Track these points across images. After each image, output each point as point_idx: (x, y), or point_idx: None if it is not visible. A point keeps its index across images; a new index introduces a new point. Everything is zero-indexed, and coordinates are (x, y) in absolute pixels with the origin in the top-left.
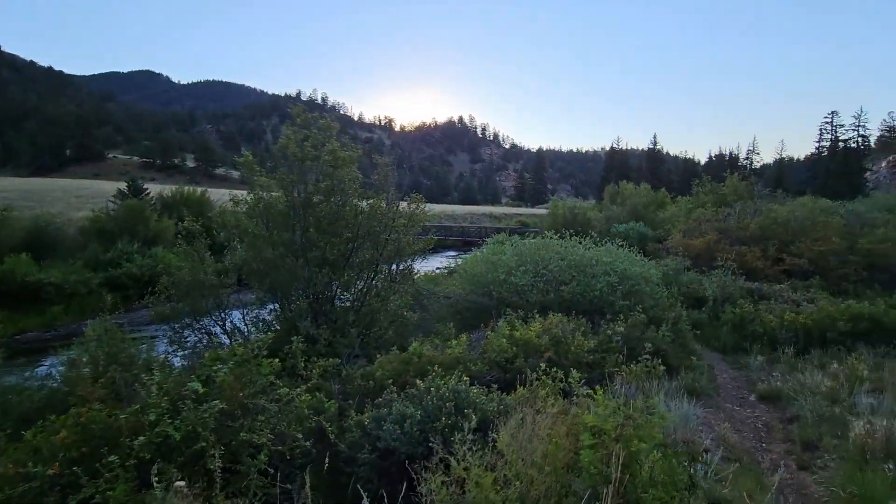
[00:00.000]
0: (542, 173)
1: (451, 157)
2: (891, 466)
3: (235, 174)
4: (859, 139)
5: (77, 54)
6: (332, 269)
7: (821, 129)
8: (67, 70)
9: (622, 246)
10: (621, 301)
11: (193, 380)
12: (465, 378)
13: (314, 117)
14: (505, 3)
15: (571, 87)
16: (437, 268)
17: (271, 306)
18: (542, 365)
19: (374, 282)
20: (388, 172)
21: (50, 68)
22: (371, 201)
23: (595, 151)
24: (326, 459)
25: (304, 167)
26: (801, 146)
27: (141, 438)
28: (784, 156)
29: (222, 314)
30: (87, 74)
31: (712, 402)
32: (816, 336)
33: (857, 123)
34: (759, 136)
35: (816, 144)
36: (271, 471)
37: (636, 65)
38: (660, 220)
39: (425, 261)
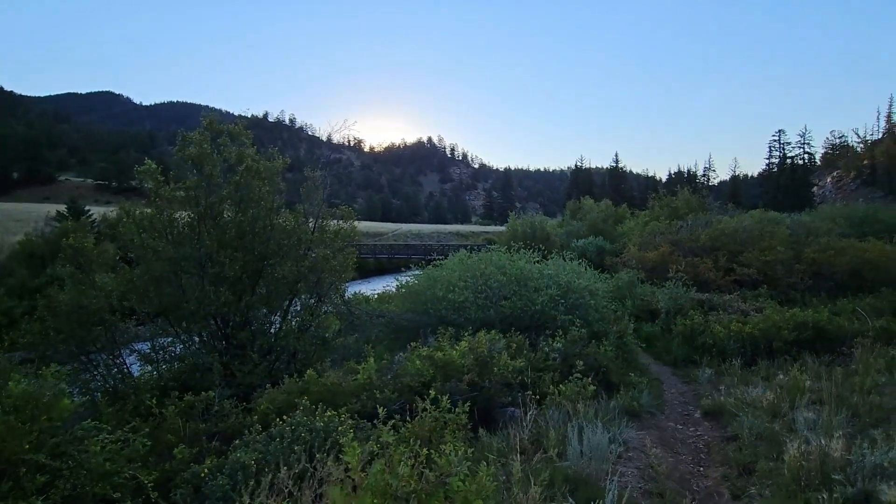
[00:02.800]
0: (510, 192)
1: (421, 178)
2: (824, 496)
3: None
4: (805, 156)
5: (30, 74)
6: (232, 288)
7: (770, 147)
8: (19, 90)
9: (574, 259)
10: (564, 315)
11: None
12: (336, 413)
13: (226, 126)
14: (469, 24)
15: (538, 108)
16: (386, 286)
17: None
18: (432, 393)
19: (294, 303)
20: (318, 185)
21: None
22: (287, 216)
23: (562, 170)
24: None
25: (214, 178)
26: (753, 163)
27: None
28: (738, 172)
29: (116, 347)
30: (41, 95)
31: (654, 421)
32: (763, 346)
33: (802, 141)
34: (714, 154)
35: (766, 161)
36: None
37: (600, 85)
38: (619, 234)
39: (380, 280)
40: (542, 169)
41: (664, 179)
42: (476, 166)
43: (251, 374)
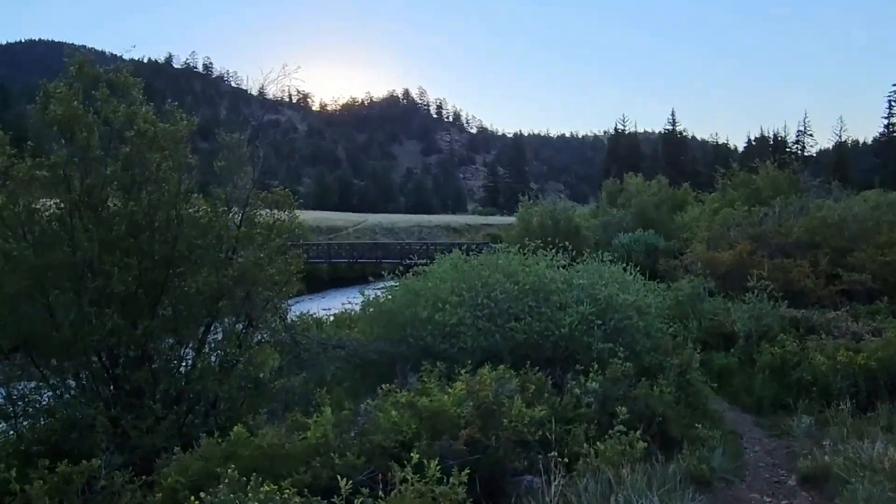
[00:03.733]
0: (522, 167)
1: (395, 148)
2: None
3: None
4: None
5: None
6: (122, 309)
7: (889, 103)
8: None
9: (615, 262)
10: (601, 342)
11: None
12: (278, 488)
13: (106, 72)
14: None
15: (560, 48)
16: (347, 303)
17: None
18: (414, 456)
19: (214, 330)
20: (245, 158)
21: None
22: (201, 204)
23: (596, 136)
24: None
25: (92, 150)
26: (867, 125)
27: None
28: (845, 138)
29: None
30: None
31: (731, 492)
32: (884, 382)
33: None
34: (812, 113)
35: (885, 123)
36: None
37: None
38: (677, 225)
39: (337, 294)
40: (567, 135)
41: (740, 148)
42: (473, 131)
43: (152, 433)
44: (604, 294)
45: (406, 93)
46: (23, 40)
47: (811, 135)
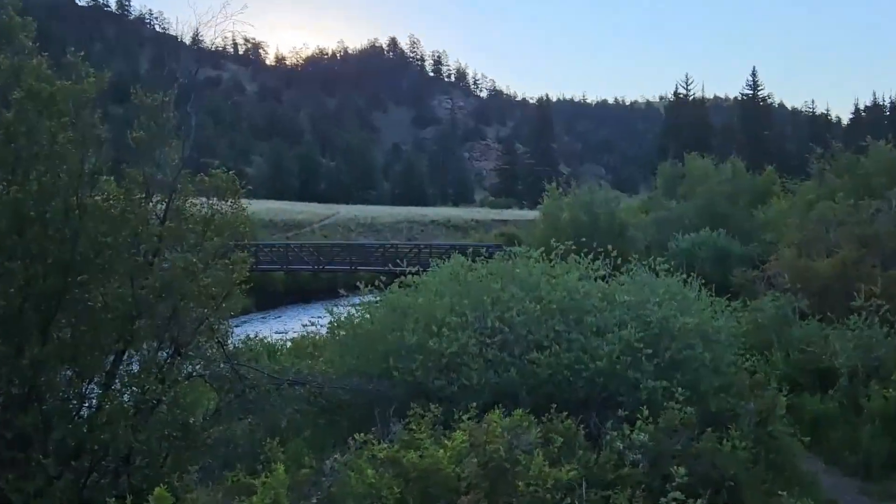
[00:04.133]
0: (549, 144)
1: (377, 116)
2: None
3: None
4: None
5: None
6: (3, 330)
7: None
8: None
9: (672, 271)
10: (653, 380)
11: None
12: None
13: None
14: None
15: None
16: (309, 324)
17: None
18: None
19: (129, 359)
20: (170, 128)
21: None
22: (113, 190)
23: (648, 103)
24: None
25: None
26: None
27: None
28: None
29: None
30: None
31: None
32: None
33: None
34: None
35: None
36: None
37: None
38: (758, 223)
39: (297, 312)
40: (610, 101)
41: (844, 120)
42: (483, 95)
43: (42, 498)
44: (657, 315)
45: (393, 43)
46: None
47: None
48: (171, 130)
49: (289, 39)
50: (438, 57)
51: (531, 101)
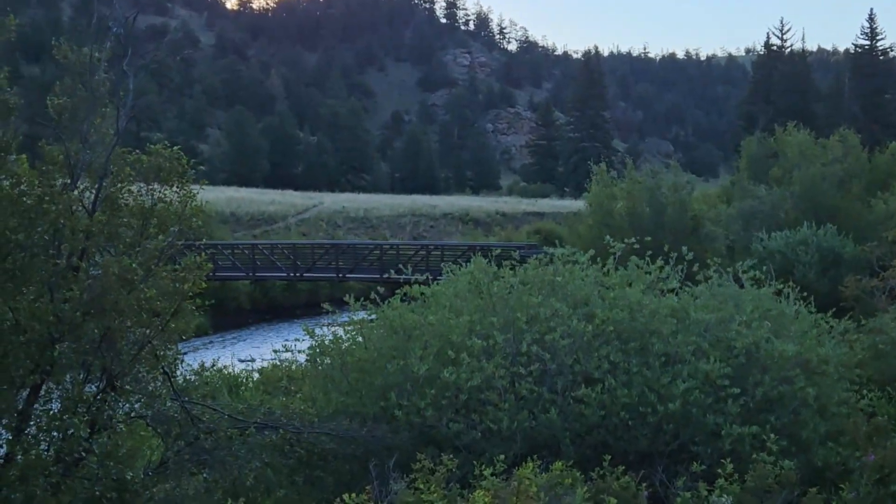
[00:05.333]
0: (599, 112)
1: (373, 77)
2: None
3: None
4: None
5: None
6: None
7: None
8: None
9: (763, 279)
10: (739, 426)
11: None
12: None
13: None
14: None
15: None
16: (282, 348)
17: None
18: None
19: (48, 396)
20: (94, 90)
21: None
22: (23, 172)
23: (732, 58)
24: None
25: None
26: None
27: None
28: None
29: None
30: None
31: None
32: None
33: None
34: None
35: None
36: None
37: None
38: (878, 218)
39: (267, 333)
40: (679, 56)
41: None
42: (512, 48)
43: None
44: (744, 340)
45: None
46: None
47: None
48: (102, 96)
49: None
50: None
51: (575, 57)
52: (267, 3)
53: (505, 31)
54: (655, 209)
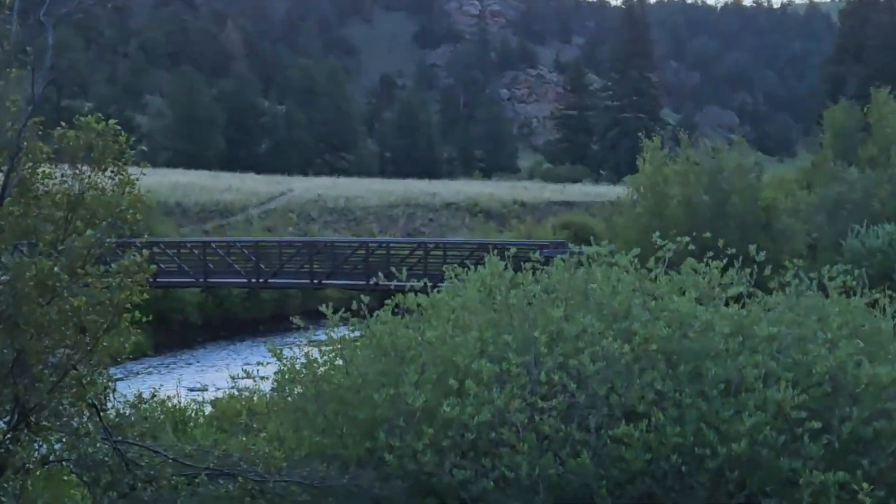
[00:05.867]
0: (643, 72)
1: (356, 30)
2: None
3: None
4: None
5: None
6: None
7: None
8: None
9: (855, 287)
10: (822, 473)
11: None
12: None
13: None
14: None
15: None
16: (243, 372)
17: None
18: None
19: None
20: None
21: None
22: None
23: (814, 5)
24: None
25: None
26: None
27: None
28: None
29: None
30: None
31: None
32: None
33: None
34: None
35: None
36: None
37: None
38: None
39: (224, 352)
40: (745, 1)
41: None
42: None
43: None
44: (828, 363)
45: None
46: None
47: None
48: (11, 54)
49: None
50: None
51: (614, 4)
52: None
53: None
54: (716, 198)
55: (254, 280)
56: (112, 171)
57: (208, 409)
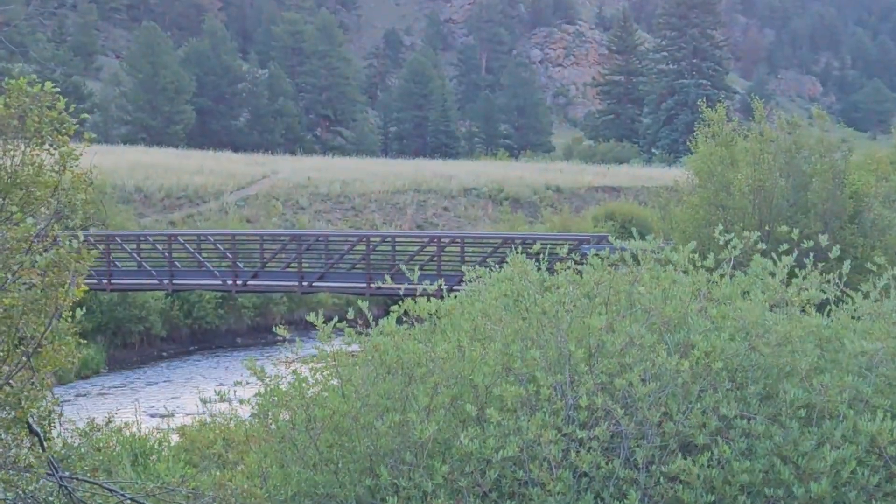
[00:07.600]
0: (704, 29)
1: None
2: None
3: None
4: None
5: None
6: None
7: None
8: None
9: None
10: None
11: None
12: None
13: None
14: None
15: None
16: (218, 396)
17: None
18: None
19: None
20: None
21: None
22: None
23: None
24: None
25: None
26: None
27: None
28: None
29: None
30: None
31: None
32: None
33: None
34: None
35: None
36: None
37: None
38: None
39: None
40: None
41: None
42: None
43: None
44: None
45: None
46: None
47: None
48: None
49: None
50: None
51: None
52: None
53: None
54: (794, 182)
55: (230, 282)
56: (56, 147)
57: (174, 439)
